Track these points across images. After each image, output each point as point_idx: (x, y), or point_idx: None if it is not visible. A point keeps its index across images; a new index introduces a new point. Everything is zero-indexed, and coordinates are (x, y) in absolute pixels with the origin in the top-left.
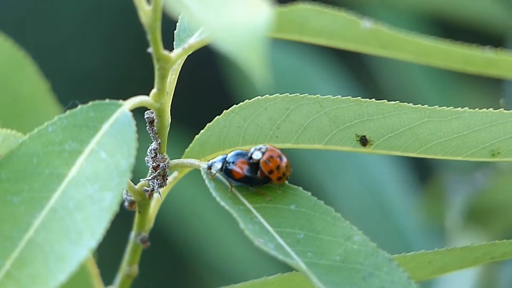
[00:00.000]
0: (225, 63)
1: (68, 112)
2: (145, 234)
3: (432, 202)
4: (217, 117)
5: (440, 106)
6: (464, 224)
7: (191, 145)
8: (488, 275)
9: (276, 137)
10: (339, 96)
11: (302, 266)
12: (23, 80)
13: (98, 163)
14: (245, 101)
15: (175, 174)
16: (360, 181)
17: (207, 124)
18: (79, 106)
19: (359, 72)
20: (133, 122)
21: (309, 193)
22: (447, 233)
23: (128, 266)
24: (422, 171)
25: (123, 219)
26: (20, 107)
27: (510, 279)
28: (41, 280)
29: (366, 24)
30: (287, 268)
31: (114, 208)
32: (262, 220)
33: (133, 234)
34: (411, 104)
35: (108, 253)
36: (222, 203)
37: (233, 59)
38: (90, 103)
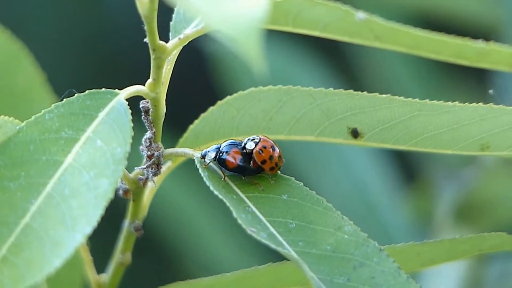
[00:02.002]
0: (219, 54)
1: (65, 100)
2: (138, 222)
3: (420, 198)
4: (211, 107)
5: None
6: (452, 221)
7: (185, 135)
8: (477, 270)
9: (269, 128)
10: (331, 89)
11: (294, 255)
12: (19, 71)
13: (94, 151)
14: (239, 92)
15: (169, 163)
16: (346, 178)
17: (202, 115)
18: (76, 95)
19: (348, 68)
20: (128, 111)
21: (301, 183)
22: (435, 229)
23: (121, 254)
24: (411, 168)
25: (117, 207)
26: (16, 98)
27: (498, 274)
28: (37, 265)
29: (361, 15)
30: (273, 260)
31: (109, 195)
32: (254, 209)
33: (126, 222)
34: (402, 97)
35: (101, 241)
36: (216, 192)
37: (228, 49)
38: (87, 91)
